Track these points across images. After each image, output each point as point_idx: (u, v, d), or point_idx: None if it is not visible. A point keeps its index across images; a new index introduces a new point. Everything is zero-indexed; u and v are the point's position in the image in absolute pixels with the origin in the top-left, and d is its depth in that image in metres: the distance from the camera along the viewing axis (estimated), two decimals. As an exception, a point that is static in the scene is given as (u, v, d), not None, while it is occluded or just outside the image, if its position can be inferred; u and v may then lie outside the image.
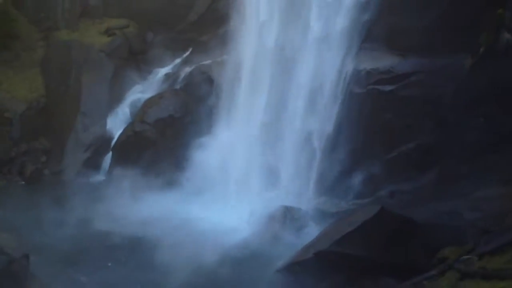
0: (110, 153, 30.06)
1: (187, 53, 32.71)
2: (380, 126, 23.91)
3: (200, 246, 23.61)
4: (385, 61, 24.13)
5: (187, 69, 31.31)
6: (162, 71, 32.58)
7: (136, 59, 33.96)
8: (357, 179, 24.05)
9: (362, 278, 19.48)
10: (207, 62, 30.48)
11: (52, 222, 24.63)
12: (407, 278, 18.55)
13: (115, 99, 31.89)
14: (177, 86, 30.98)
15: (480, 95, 20.64)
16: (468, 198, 20.92)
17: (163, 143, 29.22)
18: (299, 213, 24.41)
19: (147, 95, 31.35)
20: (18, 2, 36.80)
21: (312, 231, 23.12)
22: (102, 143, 30.58)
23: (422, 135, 23.05)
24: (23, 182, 30.04)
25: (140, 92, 32.17)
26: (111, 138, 30.66)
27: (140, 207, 26.16)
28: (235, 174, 27.12)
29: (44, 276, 20.00)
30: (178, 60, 32.68)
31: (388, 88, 23.81)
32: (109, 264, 22.40)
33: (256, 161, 26.97)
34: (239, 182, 26.88)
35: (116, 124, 31.30)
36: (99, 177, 29.74)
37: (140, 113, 30.02)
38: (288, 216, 24.24)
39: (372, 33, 24.18)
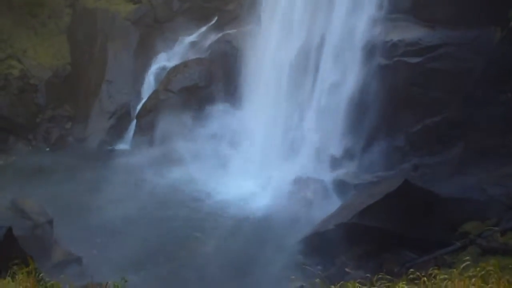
0: (135, 121, 30.07)
1: (213, 21, 32.55)
2: (405, 98, 23.59)
3: (222, 214, 23.80)
4: (412, 32, 23.71)
5: (212, 38, 31.16)
6: (187, 40, 32.49)
7: (162, 27, 33.91)
8: (380, 151, 23.84)
9: (383, 251, 19.40)
10: (232, 31, 30.31)
11: (76, 189, 24.94)
12: (428, 252, 18.45)
13: (140, 67, 31.93)
14: (202, 55, 30.83)
15: (508, 69, 20.22)
16: (492, 173, 20.60)
17: (187, 112, 29.14)
18: (321, 184, 24.37)
19: (172, 63, 31.36)
20: (45, -31, 36.80)
21: (334, 203, 23.06)
22: (126, 111, 30.69)
23: (448, 109, 22.68)
24: (48, 149, 30.35)
25: (165, 60, 32.16)
26: (135, 106, 30.71)
27: (163, 175, 26.31)
28: (258, 143, 27.03)
29: (67, 240, 20.30)
30: (203, 29, 32.58)
31: (415, 60, 23.41)
32: (125, 231, 22.66)
33: (279, 131, 26.83)
34: (261, 152, 26.83)
35: (141, 92, 31.34)
36: (123, 144, 29.89)
37: (165, 81, 30.04)
38: (309, 187, 24.23)
39: (399, 4, 23.69)
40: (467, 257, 10.76)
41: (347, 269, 18.46)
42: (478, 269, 8.86)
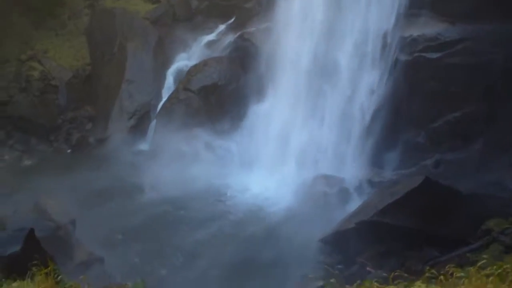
0: (155, 120, 30.16)
1: (231, 20, 32.49)
2: (425, 94, 23.42)
3: (245, 213, 23.87)
4: (431, 27, 23.52)
5: (231, 36, 31.08)
6: (207, 38, 32.42)
7: (180, 26, 33.90)
8: (401, 148, 23.72)
9: (405, 249, 19.35)
10: (251, 29, 30.21)
11: (97, 190, 25.12)
12: (450, 249, 18.40)
13: (160, 67, 31.95)
14: (222, 54, 30.80)
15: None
16: (514, 169, 20.54)
17: (207, 111, 29.17)
18: (342, 182, 24.31)
19: (192, 62, 31.27)
20: (64, -30, 37.06)
21: (355, 201, 23.02)
22: (146, 111, 30.76)
23: (468, 104, 22.52)
24: (69, 150, 30.53)
25: (184, 59, 32.14)
26: (155, 106, 30.78)
27: (185, 175, 26.40)
28: (278, 143, 26.98)
29: (89, 241, 20.45)
30: (222, 27, 32.51)
31: (434, 55, 23.23)
32: (148, 231, 22.85)
33: (299, 129, 26.76)
34: (282, 151, 26.75)
35: (161, 91, 31.41)
36: (144, 144, 29.94)
37: (184, 80, 30.04)
38: (330, 185, 24.18)
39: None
40: (485, 256, 10.66)
41: (368, 268, 18.46)
42: (495, 267, 8.81)
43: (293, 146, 26.62)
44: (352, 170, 24.82)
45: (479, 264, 9.07)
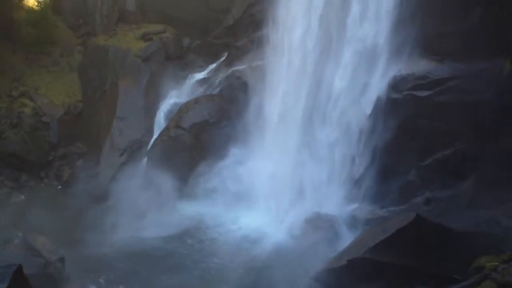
0: (146, 158, 30.11)
1: (223, 58, 32.77)
2: (416, 132, 23.52)
3: (235, 252, 23.72)
4: (421, 66, 23.75)
5: (223, 74, 31.30)
6: (198, 76, 32.71)
7: (172, 64, 34.23)
8: (392, 185, 23.73)
9: (397, 287, 19.22)
10: (242, 67, 30.44)
11: (88, 226, 24.97)
12: (442, 287, 18.25)
13: (151, 104, 32.09)
14: (213, 91, 30.98)
15: (519, 100, 20.25)
16: (506, 205, 20.48)
17: (198, 148, 29.17)
18: (333, 220, 24.24)
19: (183, 100, 31.43)
20: (57, 8, 37.38)
21: (346, 238, 22.93)
22: (137, 148, 30.78)
23: (459, 142, 22.61)
24: (60, 186, 30.43)
25: (175, 97, 32.27)
26: (146, 143, 30.79)
27: (176, 212, 26.34)
28: (268, 180, 26.96)
29: (79, 279, 20.28)
30: (213, 65, 32.80)
31: (424, 93, 23.40)
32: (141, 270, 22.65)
33: (289, 169, 26.75)
34: (272, 188, 26.72)
35: (152, 128, 31.42)
36: (135, 181, 29.83)
37: (176, 118, 30.09)
38: (321, 222, 24.10)
39: (407, 37, 23.77)
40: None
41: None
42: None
43: (285, 184, 26.57)
44: (344, 207, 24.80)
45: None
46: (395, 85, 24.05)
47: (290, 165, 26.68)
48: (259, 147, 27.83)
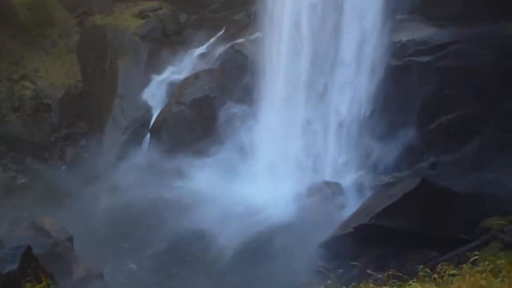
0: (148, 134, 30.15)
1: (221, 32, 32.56)
2: (418, 97, 23.48)
3: (244, 221, 23.80)
4: (421, 32, 23.63)
5: (221, 48, 31.13)
6: (197, 51, 32.43)
7: (171, 40, 34.05)
8: (396, 151, 23.70)
9: (404, 251, 19.37)
10: (241, 40, 30.31)
11: (93, 205, 25.05)
12: (450, 250, 18.40)
13: (151, 81, 31.99)
14: (212, 66, 30.85)
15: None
16: (510, 167, 20.53)
17: (200, 123, 29.17)
18: (339, 187, 24.31)
19: (183, 75, 31.28)
20: (52, -11, 37.15)
21: (352, 205, 23.00)
22: (140, 125, 30.75)
23: (461, 106, 22.55)
24: (64, 167, 30.46)
25: (175, 73, 32.13)
26: (148, 120, 30.77)
27: (180, 187, 26.41)
28: (273, 151, 26.99)
29: (87, 257, 20.41)
30: (212, 40, 32.51)
31: (425, 59, 23.29)
32: (147, 242, 22.85)
33: (294, 138, 26.77)
34: (278, 159, 26.78)
35: (153, 105, 31.40)
36: (139, 158, 29.85)
37: (176, 93, 30.07)
38: (327, 190, 24.17)
39: (406, 4, 23.63)
40: (488, 253, 10.69)
41: (368, 271, 18.38)
42: (487, 263, 8.84)
43: (289, 154, 26.61)
44: (349, 174, 24.86)
45: (471, 260, 9.10)
46: (395, 51, 23.97)
47: (293, 135, 26.69)
48: (262, 120, 27.78)
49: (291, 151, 26.69)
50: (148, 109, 31.11)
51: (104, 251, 22.28)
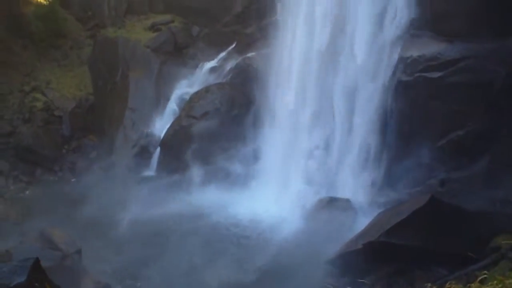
0: (159, 148, 30.19)
1: (232, 46, 32.67)
2: (428, 113, 23.37)
3: (252, 236, 23.79)
4: (431, 47, 23.55)
5: (233, 62, 31.24)
6: (208, 65, 32.60)
7: (182, 53, 34.23)
8: (406, 168, 23.60)
9: (413, 269, 19.26)
10: (252, 54, 30.39)
11: (103, 218, 25.06)
12: (459, 268, 18.26)
13: (162, 94, 32.13)
14: (223, 80, 30.96)
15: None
16: (521, 185, 20.40)
17: (210, 137, 29.15)
18: (347, 203, 24.22)
19: (194, 89, 31.45)
20: (65, 1, 37.49)
21: (361, 222, 22.89)
22: (150, 138, 30.85)
23: (472, 122, 22.39)
24: (74, 179, 30.58)
25: (186, 86, 32.29)
26: (159, 133, 30.86)
27: (190, 200, 26.42)
28: (283, 165, 26.98)
29: (96, 270, 20.40)
30: (223, 54, 32.67)
31: (436, 75, 23.15)
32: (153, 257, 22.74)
33: (303, 153, 26.76)
34: (286, 173, 26.76)
35: (164, 118, 31.50)
36: (149, 171, 29.95)
37: (187, 107, 30.14)
38: (336, 206, 24.09)
39: (417, 19, 23.59)
40: (498, 272, 10.60)
41: (377, 289, 18.38)
42: (495, 282, 8.76)
43: (299, 168, 26.58)
44: (358, 191, 24.77)
45: (479, 279, 9.02)
46: (406, 67, 23.90)
47: (304, 149, 26.65)
48: (270, 133, 27.78)
49: (302, 164, 26.65)
50: (158, 122, 31.20)
51: (111, 263, 22.25)
